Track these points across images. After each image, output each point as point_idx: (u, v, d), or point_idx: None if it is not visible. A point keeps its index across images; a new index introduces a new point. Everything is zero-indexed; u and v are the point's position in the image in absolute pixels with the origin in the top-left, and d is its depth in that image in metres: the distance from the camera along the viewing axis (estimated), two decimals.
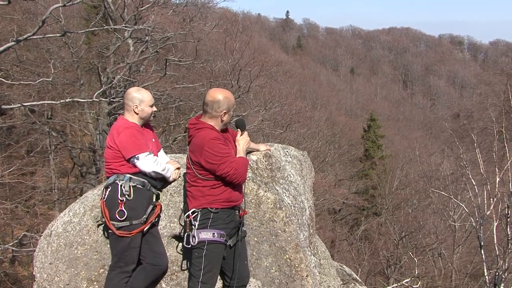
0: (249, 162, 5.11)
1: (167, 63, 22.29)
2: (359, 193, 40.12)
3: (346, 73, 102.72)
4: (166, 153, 5.35)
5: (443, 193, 30.10)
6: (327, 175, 37.80)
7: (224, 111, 4.40)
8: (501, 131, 23.48)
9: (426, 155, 44.92)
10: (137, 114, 4.75)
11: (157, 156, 4.91)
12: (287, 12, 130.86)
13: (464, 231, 31.73)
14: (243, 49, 27.65)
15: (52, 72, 16.23)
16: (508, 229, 22.06)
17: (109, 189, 4.63)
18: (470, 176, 24.88)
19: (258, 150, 5.45)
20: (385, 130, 51.64)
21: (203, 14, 30.61)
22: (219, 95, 4.41)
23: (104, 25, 22.82)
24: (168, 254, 4.88)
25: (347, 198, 37.03)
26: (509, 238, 21.98)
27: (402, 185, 40.58)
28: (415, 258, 27.02)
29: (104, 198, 4.64)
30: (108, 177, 4.75)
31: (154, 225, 4.81)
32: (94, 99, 16.13)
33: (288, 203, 5.20)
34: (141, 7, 23.76)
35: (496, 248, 22.52)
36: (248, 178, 4.96)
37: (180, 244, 4.81)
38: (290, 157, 5.89)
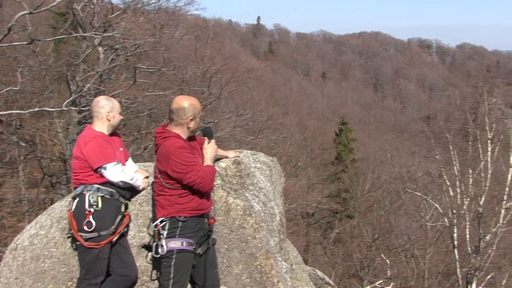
0: (218, 169, 5.10)
1: (137, 71, 22.14)
2: (332, 196, 40.31)
3: (317, 78, 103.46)
4: (137, 161, 5.31)
5: (417, 193, 30.49)
6: (300, 179, 37.95)
7: (190, 118, 4.37)
8: (475, 132, 23.93)
9: (398, 157, 45.41)
10: (109, 121, 4.72)
11: (125, 165, 4.87)
12: (258, 17, 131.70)
13: (435, 231, 32.12)
14: (214, 55, 27.65)
15: (20, 80, 16.03)
16: (480, 228, 22.50)
17: (76, 200, 4.56)
18: (444, 176, 25.27)
19: (227, 157, 5.45)
20: (357, 134, 52.01)
21: (174, 21, 30.48)
22: (184, 102, 4.40)
23: (73, 32, 22.53)
24: (137, 264, 4.82)
25: (320, 202, 37.14)
26: (481, 237, 22.41)
27: (374, 187, 40.89)
28: (387, 260, 27.27)
29: (71, 209, 4.57)
30: (75, 188, 4.68)
31: (123, 235, 4.75)
32: (64, 108, 15.97)
33: (258, 210, 5.20)
34: (111, 14, 23.52)
35: (469, 247, 22.91)
36: (217, 186, 4.96)
37: (150, 254, 4.74)
38: (260, 163, 5.89)
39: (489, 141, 22.70)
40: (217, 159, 5.19)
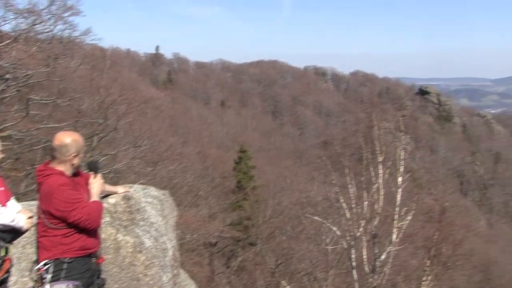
0: (107, 206, 4.97)
1: (30, 102, 21.26)
2: (234, 224, 40.30)
3: (216, 106, 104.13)
4: (32, 198, 5.05)
5: (315, 218, 31.11)
6: (201, 209, 37.70)
7: (73, 155, 4.24)
8: (367, 157, 24.90)
9: (297, 183, 46.32)
10: None
11: (6, 206, 4.61)
12: (157, 46, 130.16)
13: (336, 253, 32.93)
14: (110, 85, 27.12)
15: None
16: (376, 248, 23.36)
17: None
18: (341, 200, 26.00)
19: (116, 193, 5.32)
20: (256, 161, 52.57)
21: (70, 50, 29.62)
22: (66, 138, 4.27)
23: None
24: None
25: (223, 231, 37.02)
26: (376, 257, 23.26)
27: (275, 213, 41.35)
28: (288, 286, 27.56)
29: None
30: None
31: (4, 282, 4.46)
32: None
33: (149, 246, 5.11)
34: (1, 43, 22.51)
35: (366, 267, 23.68)
36: (105, 223, 4.82)
37: None
38: (151, 197, 5.81)
39: (380, 164, 23.75)
40: (106, 195, 5.06)
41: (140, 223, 5.33)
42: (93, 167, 4.57)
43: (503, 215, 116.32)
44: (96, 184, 4.47)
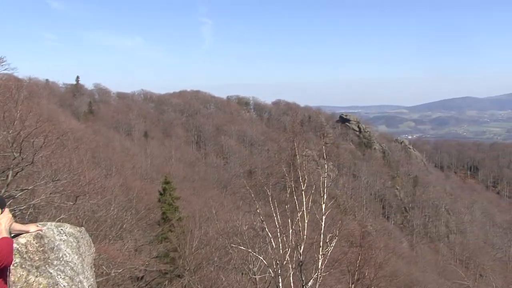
0: (17, 246, 4.66)
1: None
2: (161, 257, 39.51)
3: (140, 137, 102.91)
4: None
5: (241, 247, 30.97)
6: (126, 242, 36.74)
7: None
8: (291, 185, 25.09)
9: (223, 212, 46.16)
10: None
11: None
12: (77, 77, 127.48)
13: (264, 281, 32.84)
14: (25, 117, 26.07)
15: None
16: (303, 275, 23.48)
17: None
18: (266, 229, 26.02)
19: (27, 232, 5.00)
20: (181, 192, 52.12)
21: None
22: None
23: None
24: None
25: (149, 264, 36.18)
26: (303, 284, 23.36)
27: (202, 244, 40.91)
28: None
29: None
30: None
31: None
32: None
33: (64, 286, 4.82)
34: None
35: None
36: (15, 264, 4.51)
37: None
38: (66, 235, 5.51)
39: (304, 192, 23.99)
40: (16, 235, 4.74)
41: (54, 262, 5.03)
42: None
43: (423, 236, 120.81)
44: (3, 219, 4.18)
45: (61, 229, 5.54)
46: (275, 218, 24.68)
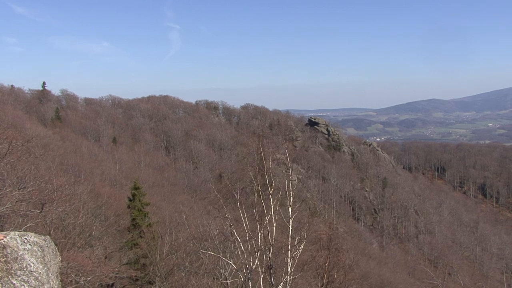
0: None
1: None
2: (131, 263, 39.25)
3: (108, 143, 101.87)
4: None
5: (211, 253, 31.01)
6: (96, 249, 36.44)
7: None
8: (259, 189, 25.21)
9: (193, 217, 46.10)
10: None
11: None
12: (44, 83, 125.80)
13: (235, 286, 32.92)
14: None
15: None
16: (272, 279, 23.63)
17: None
18: (235, 233, 26.10)
19: None
20: (151, 197, 51.84)
21: None
22: None
23: None
24: None
25: (119, 271, 35.94)
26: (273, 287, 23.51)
27: (172, 249, 40.81)
28: None
29: None
30: None
31: None
32: None
33: None
34: None
35: None
36: None
37: None
38: (30, 244, 5.52)
39: (270, 196, 24.14)
40: None
41: (18, 272, 5.05)
42: None
43: (393, 237, 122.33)
44: None
45: (25, 238, 5.55)
46: (244, 222, 24.79)
